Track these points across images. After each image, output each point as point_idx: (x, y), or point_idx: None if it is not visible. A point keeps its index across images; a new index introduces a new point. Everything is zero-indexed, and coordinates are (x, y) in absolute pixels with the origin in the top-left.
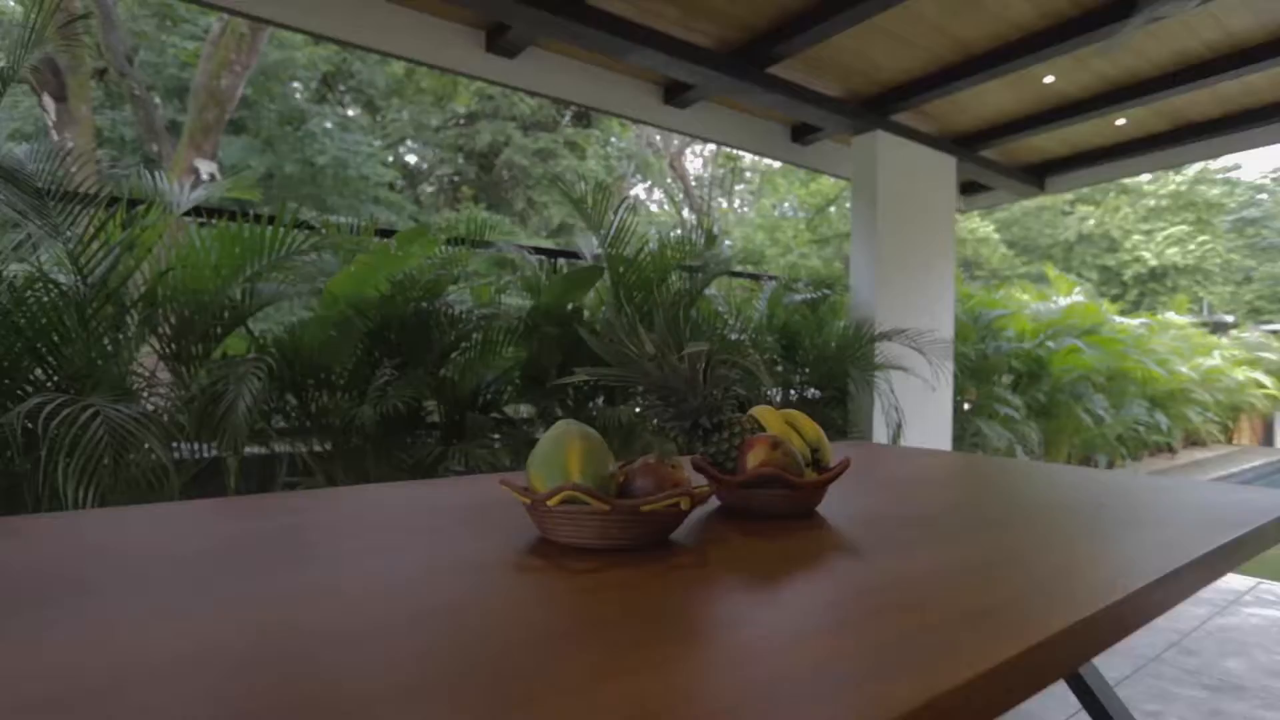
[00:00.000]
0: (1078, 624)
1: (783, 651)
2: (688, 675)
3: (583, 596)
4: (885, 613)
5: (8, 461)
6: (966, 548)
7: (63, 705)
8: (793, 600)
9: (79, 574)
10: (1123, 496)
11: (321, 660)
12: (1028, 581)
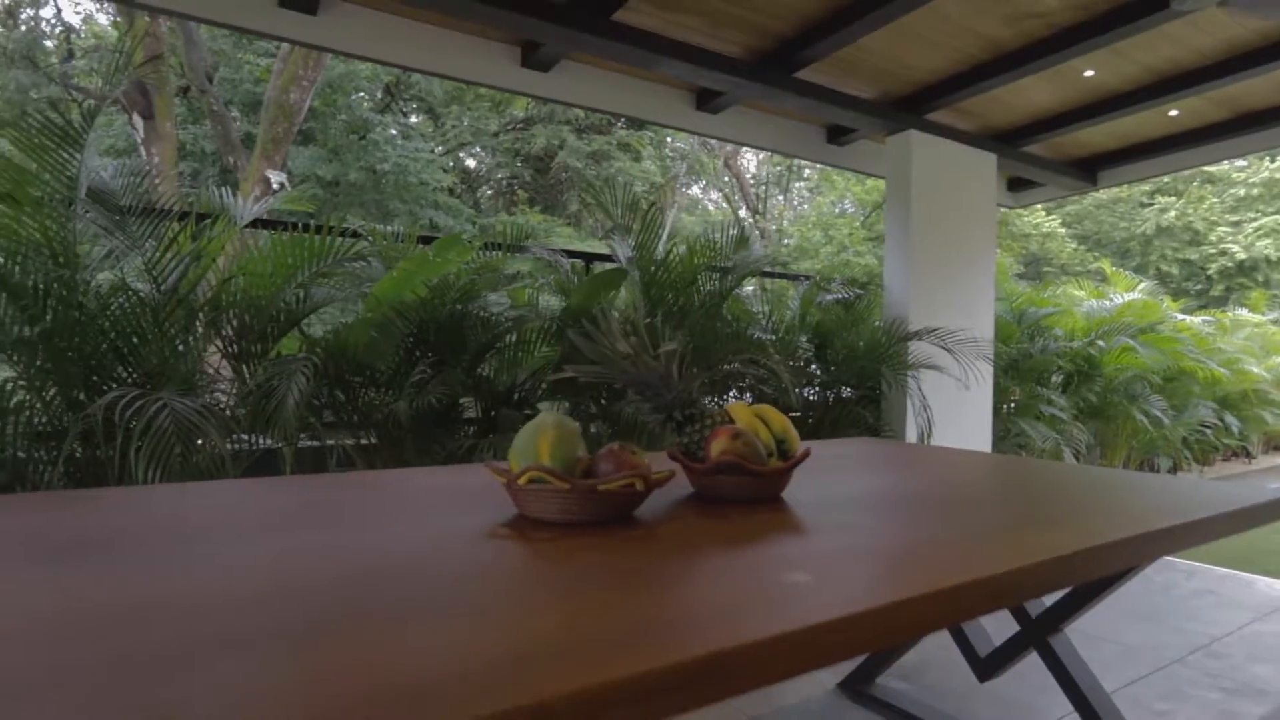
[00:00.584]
0: (948, 590)
1: (671, 592)
2: (599, 607)
3: (536, 557)
4: (768, 569)
5: (94, 448)
6: (900, 529)
7: (150, 611)
8: (705, 563)
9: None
10: (1086, 489)
11: (352, 588)
12: (934, 560)
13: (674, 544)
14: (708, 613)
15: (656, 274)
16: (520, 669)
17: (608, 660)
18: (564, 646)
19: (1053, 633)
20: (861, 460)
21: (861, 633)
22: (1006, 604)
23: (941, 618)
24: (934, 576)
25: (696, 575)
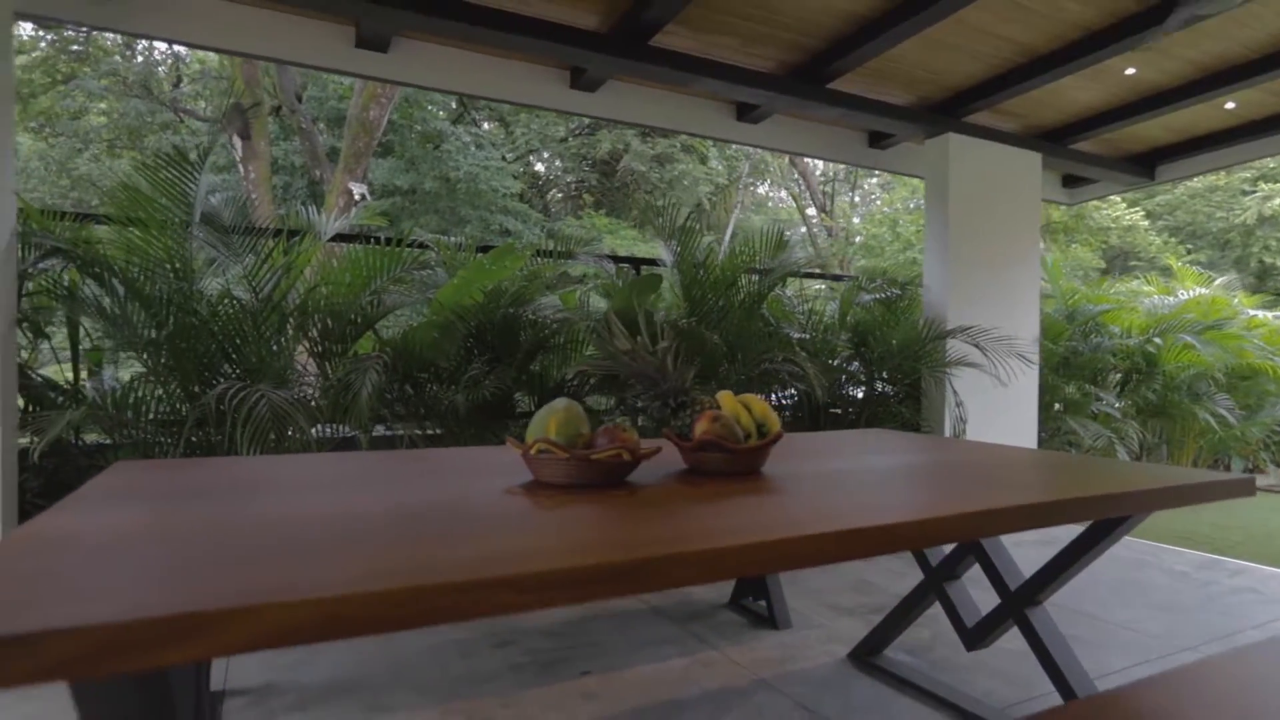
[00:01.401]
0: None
1: (634, 527)
2: (582, 531)
3: (540, 506)
4: (714, 517)
5: (207, 432)
6: (840, 494)
7: (280, 525)
8: (667, 511)
9: (226, 479)
10: (1024, 467)
11: (404, 523)
12: (844, 514)
13: (649, 500)
14: (655, 537)
15: (698, 276)
16: (526, 560)
17: (583, 556)
18: (556, 551)
19: (1030, 606)
20: (853, 445)
21: (759, 556)
22: (895, 549)
23: (833, 553)
24: (836, 523)
25: (657, 518)
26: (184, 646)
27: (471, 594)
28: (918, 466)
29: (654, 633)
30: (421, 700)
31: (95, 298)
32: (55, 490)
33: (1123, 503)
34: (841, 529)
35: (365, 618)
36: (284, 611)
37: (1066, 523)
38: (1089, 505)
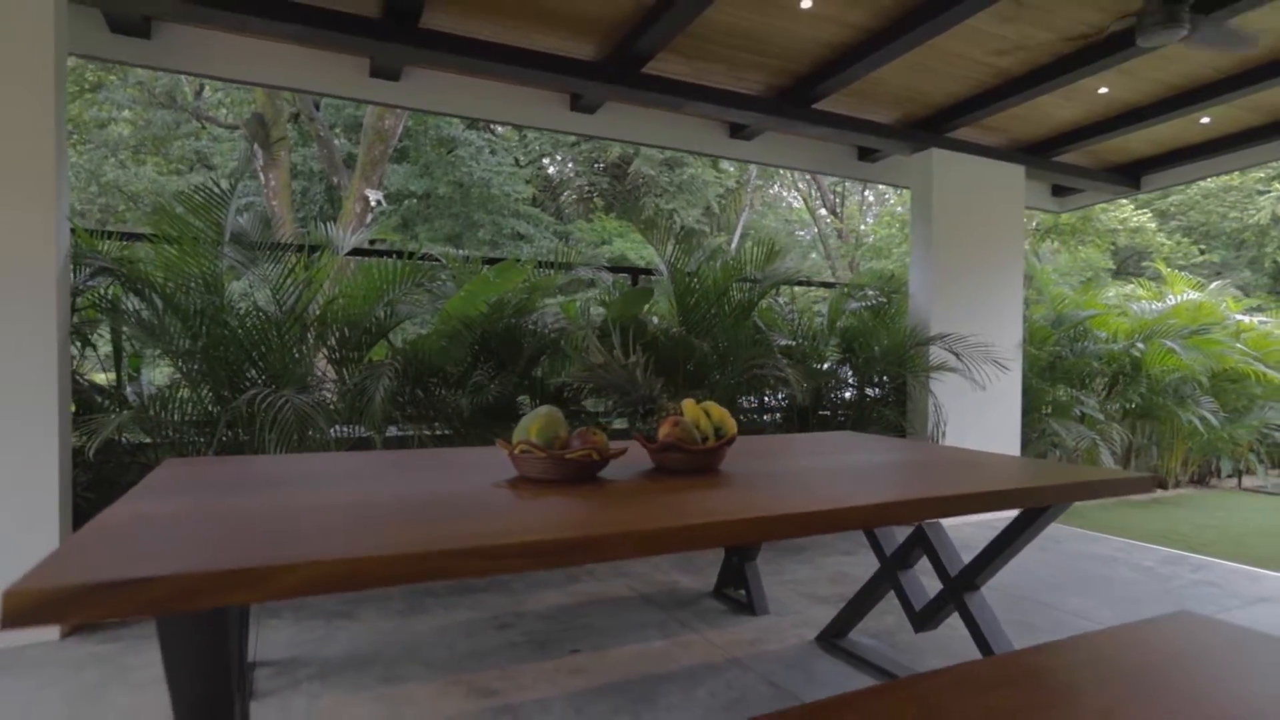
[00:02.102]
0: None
1: (595, 512)
2: (554, 515)
3: (521, 496)
4: (659, 507)
5: (235, 432)
6: (786, 488)
7: (304, 512)
8: (626, 501)
9: (260, 474)
10: (957, 466)
11: (408, 508)
12: (773, 504)
13: (613, 492)
14: (607, 520)
15: (691, 285)
16: (497, 536)
17: (551, 532)
18: (530, 528)
19: (968, 591)
20: (816, 446)
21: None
22: (809, 533)
23: (751, 535)
24: (758, 510)
25: (615, 506)
26: (238, 592)
27: (454, 559)
28: (864, 465)
29: (641, 617)
30: (429, 673)
31: (136, 311)
32: (101, 484)
33: (1034, 495)
34: (760, 515)
35: (374, 575)
36: (312, 568)
37: (971, 512)
38: (994, 498)
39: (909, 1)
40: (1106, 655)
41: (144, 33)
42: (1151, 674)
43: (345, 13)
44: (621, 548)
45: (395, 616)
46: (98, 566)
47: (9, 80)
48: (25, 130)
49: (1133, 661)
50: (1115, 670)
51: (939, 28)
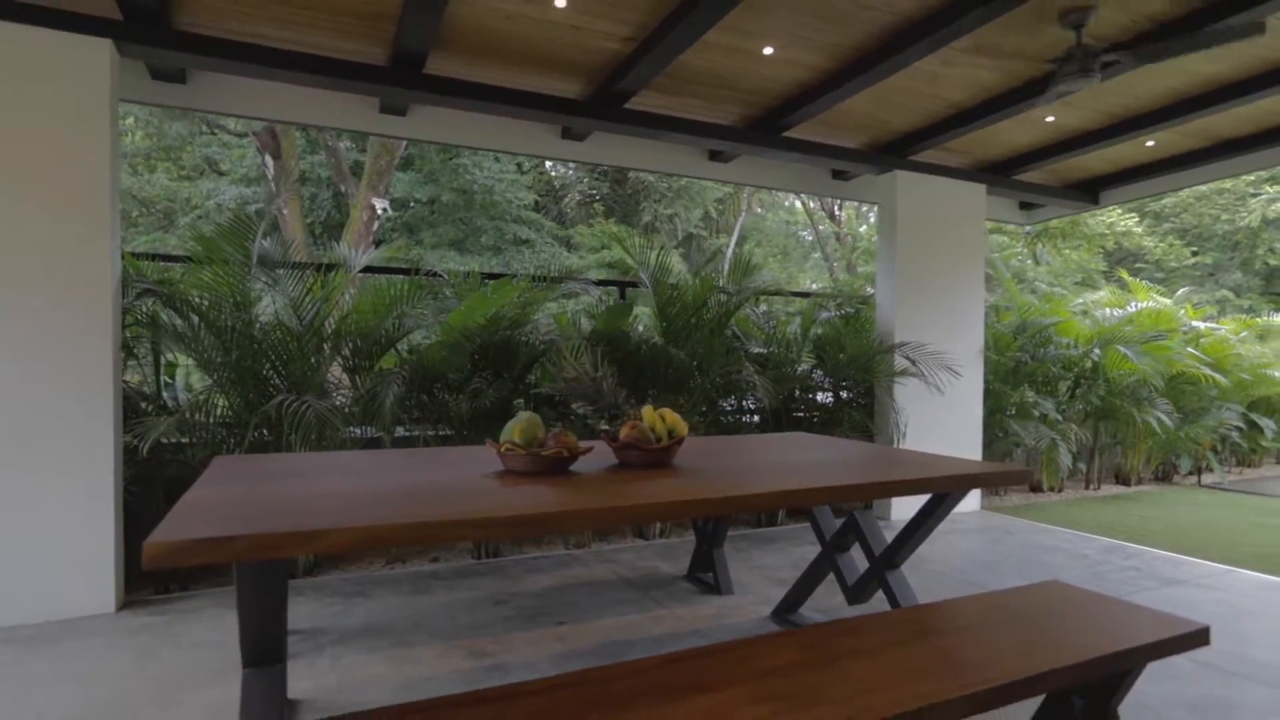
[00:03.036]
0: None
1: (562, 495)
2: (530, 498)
3: (505, 486)
4: (615, 493)
5: (261, 433)
6: (721, 479)
7: (324, 498)
8: (589, 488)
9: (294, 468)
10: (878, 461)
11: (414, 492)
12: (701, 490)
13: (579, 483)
14: (566, 502)
15: (672, 297)
16: (480, 513)
17: (526, 510)
18: (510, 507)
19: (889, 568)
20: (768, 446)
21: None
22: (723, 513)
23: (677, 514)
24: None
25: (580, 491)
26: (294, 547)
27: (449, 528)
28: (797, 461)
29: (620, 596)
30: (433, 640)
31: (174, 326)
32: (141, 479)
33: (923, 485)
34: (685, 499)
35: (388, 538)
36: (344, 533)
37: (861, 498)
38: (884, 488)
39: (860, 47)
40: (972, 610)
41: (180, 79)
42: (1001, 621)
43: (358, 63)
44: (580, 522)
45: (403, 595)
46: (197, 529)
47: (75, 124)
48: (88, 167)
49: (991, 615)
50: (969, 619)
51: (888, 71)
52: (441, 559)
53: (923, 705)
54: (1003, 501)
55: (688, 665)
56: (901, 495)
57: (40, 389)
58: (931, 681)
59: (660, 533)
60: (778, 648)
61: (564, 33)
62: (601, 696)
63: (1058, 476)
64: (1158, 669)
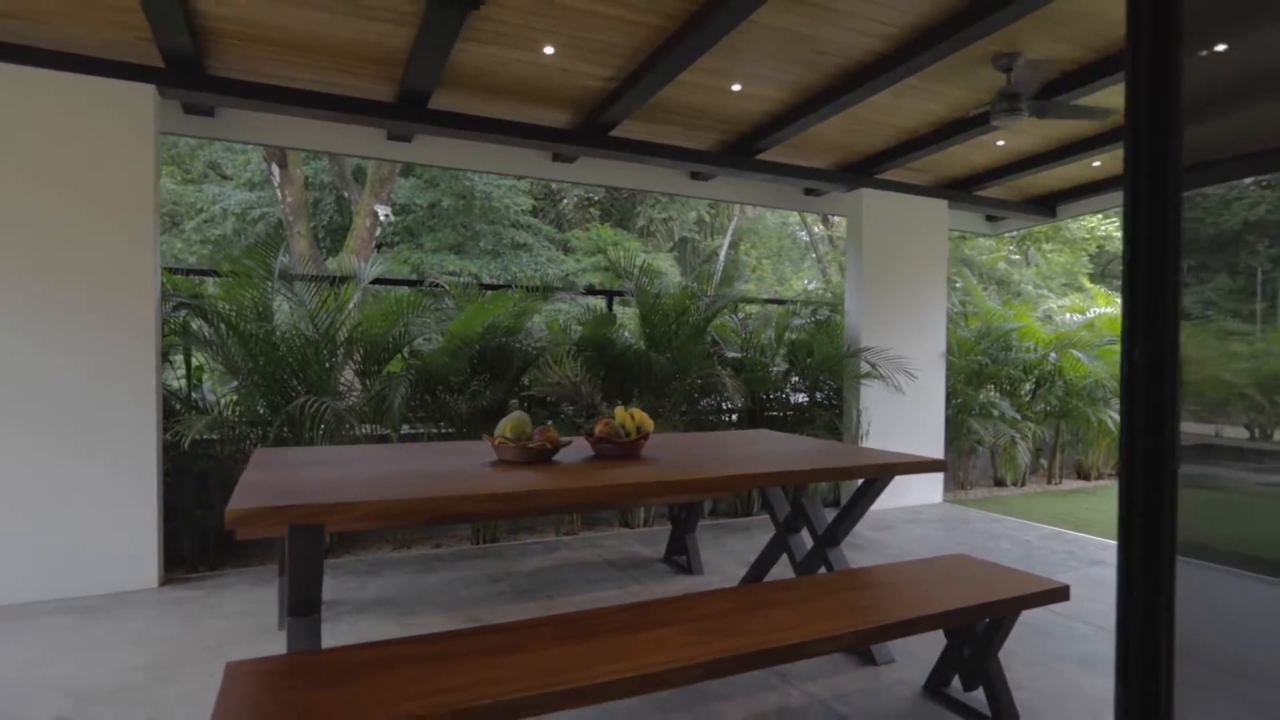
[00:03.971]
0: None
1: (544, 481)
2: (519, 481)
3: (498, 472)
4: (586, 478)
5: (283, 431)
6: (676, 469)
7: (344, 481)
8: (569, 475)
9: (320, 458)
10: (817, 453)
11: (422, 476)
12: (659, 477)
13: (559, 470)
14: (546, 486)
15: (655, 305)
16: (475, 491)
17: (513, 489)
18: (499, 487)
19: (830, 546)
20: (730, 442)
21: (596, 496)
22: (669, 496)
23: (634, 496)
24: (641, 480)
25: (558, 476)
26: (333, 515)
27: (451, 502)
28: (747, 454)
29: (603, 575)
30: (436, 610)
31: (204, 335)
32: (175, 471)
33: (849, 472)
34: (639, 482)
35: (403, 510)
36: (369, 505)
37: (790, 483)
38: (813, 474)
39: (820, 85)
40: (884, 574)
41: (210, 113)
42: (904, 583)
43: (368, 99)
44: (556, 499)
45: (410, 574)
46: (262, 500)
47: (126, 155)
48: (136, 193)
49: (898, 578)
50: (880, 580)
51: (845, 105)
52: (443, 544)
53: (818, 637)
54: (967, 495)
55: (640, 611)
56: (826, 480)
57: (99, 390)
58: (831, 622)
59: (643, 522)
60: (717, 600)
61: (553, 74)
62: (569, 632)
63: (1019, 472)
64: (1061, 631)
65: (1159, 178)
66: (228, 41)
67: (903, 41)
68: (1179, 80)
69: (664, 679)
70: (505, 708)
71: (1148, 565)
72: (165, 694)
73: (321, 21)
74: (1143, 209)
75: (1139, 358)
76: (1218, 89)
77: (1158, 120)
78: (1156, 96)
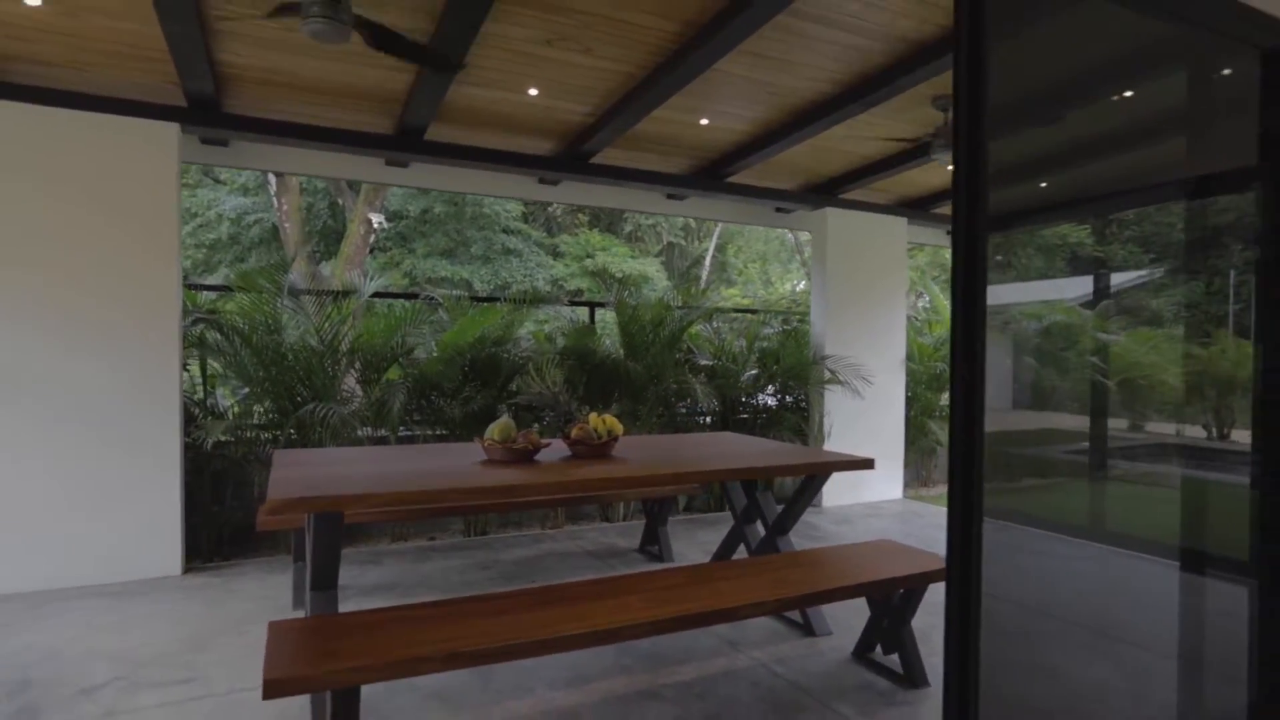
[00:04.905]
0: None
1: (527, 476)
2: (502, 476)
3: (487, 470)
4: (564, 475)
5: (290, 434)
6: (641, 467)
7: (349, 478)
8: (549, 472)
9: (330, 458)
10: (775, 453)
11: (420, 473)
12: (627, 472)
13: (540, 468)
14: (528, 481)
15: (633, 316)
16: (466, 485)
17: (501, 483)
18: (487, 481)
19: (779, 535)
20: (694, 443)
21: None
22: (629, 487)
23: (603, 488)
24: (608, 475)
25: (538, 472)
26: (350, 504)
27: (446, 494)
28: (704, 454)
29: (582, 564)
30: (432, 593)
31: (219, 346)
32: (195, 470)
33: (791, 469)
34: (606, 477)
35: (408, 498)
36: (380, 496)
37: (736, 479)
38: (756, 471)
39: (779, 120)
40: (817, 556)
41: (224, 144)
42: (831, 561)
43: (370, 132)
44: (535, 491)
45: (407, 563)
46: (292, 493)
47: (152, 185)
48: (162, 218)
49: (828, 558)
50: (812, 560)
51: (804, 137)
52: (437, 537)
53: (748, 603)
54: (928, 491)
55: (605, 584)
56: (770, 476)
57: (129, 397)
58: (762, 592)
59: (622, 517)
60: (672, 576)
61: (538, 110)
62: (543, 600)
63: None
64: None
65: (973, 227)
66: (245, 85)
67: (850, 85)
68: (985, 159)
69: (618, 634)
70: (489, 652)
71: (965, 527)
72: (201, 659)
73: (330, 69)
74: (960, 250)
75: (961, 373)
76: (1006, 166)
77: (973, 187)
78: (972, 170)
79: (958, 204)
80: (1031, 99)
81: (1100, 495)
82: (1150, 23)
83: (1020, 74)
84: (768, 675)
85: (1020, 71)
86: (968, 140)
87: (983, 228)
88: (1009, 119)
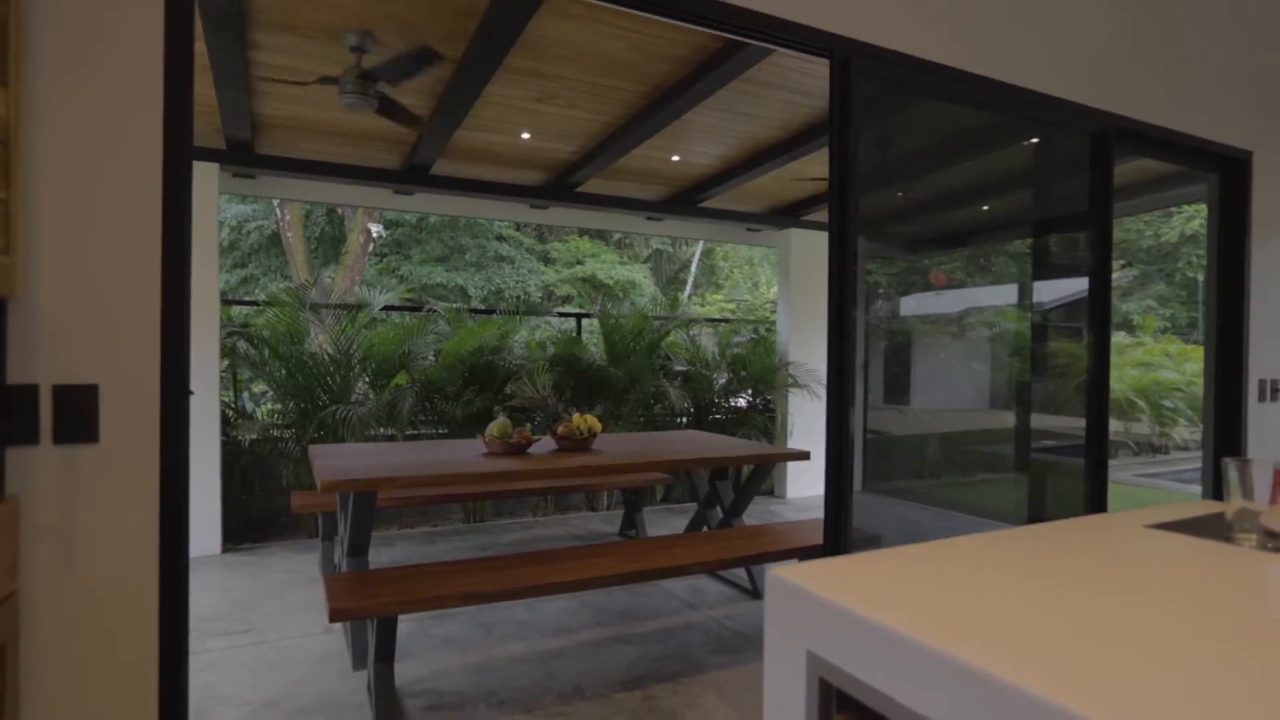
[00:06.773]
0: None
1: (520, 466)
2: (498, 464)
3: (487, 461)
4: (553, 465)
5: (315, 434)
6: (616, 459)
7: (373, 468)
8: (538, 462)
9: (357, 451)
10: (730, 447)
11: (429, 462)
12: (612, 462)
13: (531, 459)
14: (520, 469)
15: (616, 326)
16: (468, 472)
17: (499, 470)
18: (485, 469)
19: (735, 518)
20: (662, 439)
21: (551, 476)
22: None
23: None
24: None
25: (528, 462)
26: (383, 487)
27: (452, 479)
28: (676, 448)
29: (569, 545)
30: None
31: (248, 355)
32: (228, 464)
33: (739, 460)
34: (582, 466)
35: (424, 484)
36: (404, 480)
37: (696, 469)
38: (707, 460)
39: (739, 158)
40: (757, 531)
41: (251, 177)
42: (770, 535)
43: (380, 168)
44: (527, 478)
45: (414, 546)
46: (337, 476)
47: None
48: (204, 246)
49: (765, 530)
50: (752, 534)
51: (762, 171)
52: (440, 524)
53: (692, 562)
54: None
55: (586, 549)
56: (719, 466)
57: None
58: (707, 555)
59: (606, 506)
60: (639, 544)
61: (530, 149)
62: (534, 560)
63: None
64: None
65: (846, 259)
66: (275, 130)
67: (799, 130)
68: (856, 210)
69: (591, 583)
70: (495, 594)
71: (838, 492)
72: (253, 616)
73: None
74: (834, 276)
75: (835, 378)
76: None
77: (843, 232)
78: (844, 213)
79: (832, 247)
80: (900, 161)
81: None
82: None
83: (888, 144)
84: (718, 627)
85: (888, 143)
86: (839, 195)
87: (850, 265)
88: (873, 179)
